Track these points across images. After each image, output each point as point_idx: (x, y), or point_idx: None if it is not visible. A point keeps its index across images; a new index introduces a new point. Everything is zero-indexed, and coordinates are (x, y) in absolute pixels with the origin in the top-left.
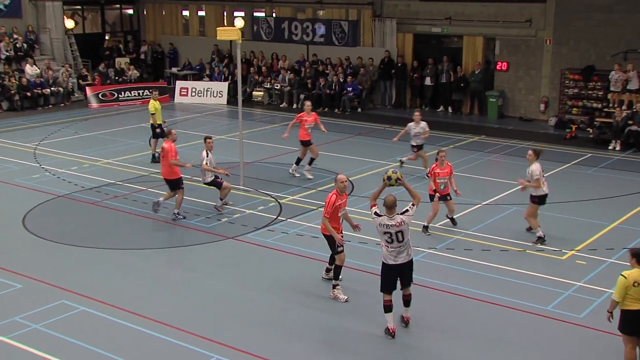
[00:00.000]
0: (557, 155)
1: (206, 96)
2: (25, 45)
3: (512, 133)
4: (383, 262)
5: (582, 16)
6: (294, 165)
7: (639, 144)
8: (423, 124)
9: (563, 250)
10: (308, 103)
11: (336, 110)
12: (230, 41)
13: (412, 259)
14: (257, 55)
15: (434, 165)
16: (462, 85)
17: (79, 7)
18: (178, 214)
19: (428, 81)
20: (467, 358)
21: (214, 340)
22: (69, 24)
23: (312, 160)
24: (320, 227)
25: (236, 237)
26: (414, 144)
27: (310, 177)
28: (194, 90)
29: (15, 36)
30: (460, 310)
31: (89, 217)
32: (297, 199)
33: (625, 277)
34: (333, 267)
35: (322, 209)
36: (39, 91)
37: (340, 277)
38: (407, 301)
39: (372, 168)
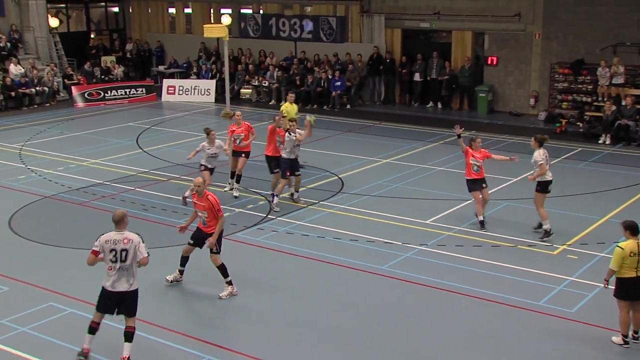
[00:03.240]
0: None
1: (194, 94)
2: (8, 44)
3: (502, 128)
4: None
5: (571, 9)
6: None
7: (629, 137)
8: (218, 142)
9: (554, 245)
10: None
11: (325, 107)
12: (218, 38)
13: (135, 290)
14: (245, 53)
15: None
16: (453, 86)
17: (63, 5)
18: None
19: (417, 77)
20: (459, 356)
21: (205, 340)
22: (53, 22)
23: None
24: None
25: (226, 236)
26: (209, 165)
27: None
28: (181, 88)
29: None
30: (452, 307)
31: (76, 218)
32: (286, 197)
33: (622, 249)
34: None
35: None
36: (24, 91)
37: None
38: (127, 334)
39: (361, 165)
